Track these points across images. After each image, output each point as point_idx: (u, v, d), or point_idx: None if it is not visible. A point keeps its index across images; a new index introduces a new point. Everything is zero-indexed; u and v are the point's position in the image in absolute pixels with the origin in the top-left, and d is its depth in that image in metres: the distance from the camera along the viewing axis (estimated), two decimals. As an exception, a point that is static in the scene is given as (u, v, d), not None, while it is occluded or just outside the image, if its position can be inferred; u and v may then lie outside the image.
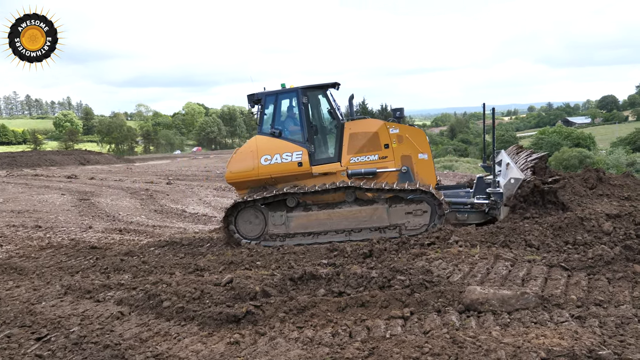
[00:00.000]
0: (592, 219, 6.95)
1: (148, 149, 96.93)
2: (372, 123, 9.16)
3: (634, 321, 4.33)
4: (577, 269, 5.67)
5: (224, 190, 20.81)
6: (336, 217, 8.76)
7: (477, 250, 6.56)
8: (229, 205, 9.34)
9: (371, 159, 8.93)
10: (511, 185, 8.05)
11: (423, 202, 8.53)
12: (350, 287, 5.64)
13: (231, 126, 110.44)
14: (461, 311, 4.78)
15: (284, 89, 9.35)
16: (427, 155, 9.00)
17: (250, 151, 9.22)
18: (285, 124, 9.46)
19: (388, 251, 7.17)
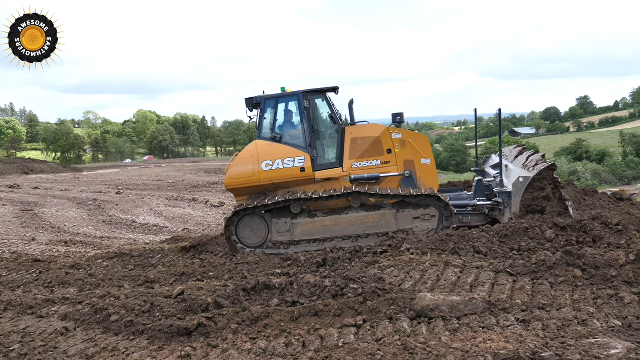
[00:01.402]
0: (536, 226, 7.26)
1: (97, 157, 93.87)
2: (375, 128, 9.11)
3: (574, 323, 4.54)
4: (522, 274, 5.90)
5: (177, 200, 20.41)
6: (343, 223, 8.60)
7: (427, 258, 6.70)
8: (231, 212, 8.99)
9: (374, 164, 8.87)
10: (520, 183, 8.16)
11: (430, 206, 8.51)
12: (303, 296, 5.63)
13: (184, 135, 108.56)
14: (412, 318, 4.87)
15: (284, 93, 9.16)
16: (430, 160, 9.02)
17: (250, 156, 8.99)
18: (286, 129, 9.27)
19: (341, 260, 7.22)
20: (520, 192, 8.15)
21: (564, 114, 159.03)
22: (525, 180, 8.16)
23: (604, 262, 5.83)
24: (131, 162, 71.50)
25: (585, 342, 4.05)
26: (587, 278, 5.70)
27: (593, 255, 6.02)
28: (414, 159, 8.90)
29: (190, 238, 11.15)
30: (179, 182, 28.62)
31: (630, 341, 4.07)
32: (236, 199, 9.33)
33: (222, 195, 22.30)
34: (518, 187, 8.18)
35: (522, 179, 8.20)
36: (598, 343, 4.01)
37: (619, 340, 4.05)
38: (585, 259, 5.94)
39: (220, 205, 18.49)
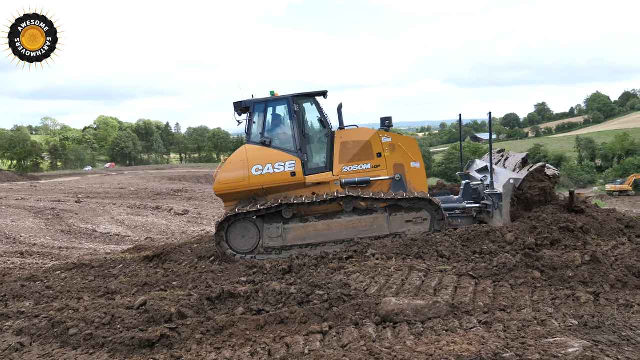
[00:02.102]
0: (497, 230, 7.43)
1: (55, 165, 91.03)
2: (365, 132, 9.08)
3: (534, 324, 4.66)
4: (483, 277, 6.02)
5: (139, 208, 19.99)
6: (335, 227, 8.54)
7: (392, 263, 6.77)
8: (221, 218, 8.78)
9: (364, 168, 8.83)
10: (510, 185, 8.30)
11: (423, 209, 8.55)
12: (269, 304, 5.59)
13: (147, 141, 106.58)
14: (378, 323, 4.89)
15: (274, 97, 9.04)
16: (420, 164, 9.05)
17: (240, 161, 8.83)
18: (276, 133, 9.14)
19: (307, 266, 7.21)
20: (510, 194, 8.31)
21: (523, 120, 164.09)
22: (515, 182, 8.34)
23: (561, 263, 6.02)
24: (92, 170, 69.65)
25: (544, 342, 4.16)
26: (545, 279, 5.87)
27: (551, 257, 6.21)
28: (403, 162, 8.95)
29: (153, 247, 10.91)
30: (141, 189, 28.08)
31: (586, 339, 4.21)
32: (225, 204, 9.19)
33: (187, 203, 22.01)
34: (508, 189, 8.35)
35: (513, 180, 8.38)
36: (556, 342, 4.12)
37: (576, 339, 4.18)
38: (543, 260, 6.12)
39: (184, 213, 18.22)
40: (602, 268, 5.90)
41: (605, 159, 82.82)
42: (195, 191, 27.25)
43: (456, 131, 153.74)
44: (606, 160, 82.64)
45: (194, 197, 24.51)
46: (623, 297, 5.40)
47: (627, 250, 6.38)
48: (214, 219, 16.92)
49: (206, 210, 18.99)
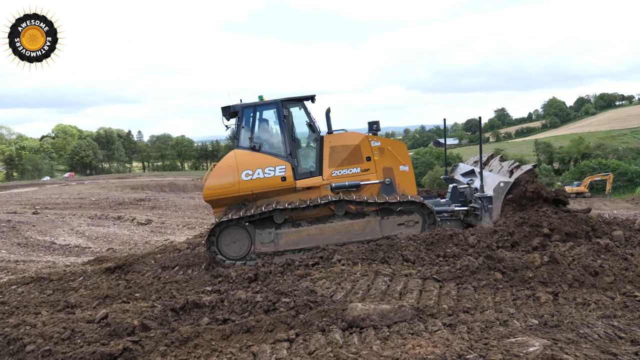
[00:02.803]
0: (460, 233, 7.57)
1: (11, 175, 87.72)
2: (354, 136, 9.11)
3: (496, 324, 4.76)
4: (447, 279, 6.12)
5: (100, 218, 19.47)
6: (328, 231, 8.52)
7: (358, 268, 6.80)
8: (212, 224, 8.64)
9: (354, 172, 8.88)
10: (501, 188, 8.45)
11: (414, 212, 8.60)
12: (235, 313, 5.53)
13: (108, 150, 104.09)
14: (344, 328, 4.90)
15: (262, 102, 8.97)
16: (408, 167, 9.10)
17: (229, 166, 8.73)
18: (266, 138, 9.05)
19: (273, 274, 7.17)
20: (501, 197, 8.48)
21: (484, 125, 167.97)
22: (505, 185, 8.50)
23: (522, 264, 6.19)
24: (50, 180, 67.44)
25: (506, 342, 4.24)
26: (507, 280, 6.01)
27: (512, 258, 6.37)
28: (392, 166, 9.02)
29: (115, 258, 10.64)
30: (103, 199, 27.38)
31: (546, 338, 4.32)
32: (214, 210, 9.08)
33: (150, 212, 21.58)
34: (499, 192, 8.51)
35: (503, 183, 8.54)
36: (518, 342, 4.22)
37: (537, 338, 4.28)
38: (504, 262, 6.27)
39: (147, 223, 17.85)
40: (560, 268, 6.10)
41: (562, 162, 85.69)
42: (159, 200, 26.75)
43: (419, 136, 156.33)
44: (563, 163, 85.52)
45: (158, 206, 24.05)
46: (580, 295, 5.59)
47: (584, 250, 6.60)
48: (178, 228, 16.68)
49: (170, 220, 18.66)
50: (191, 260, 9.35)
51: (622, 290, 5.75)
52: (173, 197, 29.24)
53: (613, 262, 6.29)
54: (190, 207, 23.07)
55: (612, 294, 5.66)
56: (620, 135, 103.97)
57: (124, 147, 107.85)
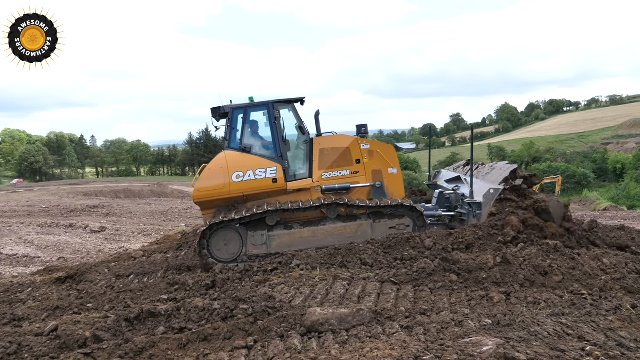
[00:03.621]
0: (416, 236, 7.71)
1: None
2: (344, 139, 9.15)
3: (452, 325, 4.86)
4: (404, 282, 6.21)
5: (51, 226, 18.75)
6: (320, 234, 8.53)
7: (317, 273, 6.81)
8: (204, 226, 8.48)
9: (343, 174, 8.94)
10: (490, 195, 8.61)
11: (405, 216, 8.69)
12: (192, 321, 5.43)
13: (60, 155, 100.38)
14: (303, 334, 4.89)
15: (253, 103, 8.89)
16: (397, 170, 9.20)
17: (220, 168, 8.61)
18: (256, 139, 8.99)
19: (231, 280, 7.08)
20: (490, 203, 8.65)
21: (440, 130, 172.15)
22: (495, 192, 8.68)
23: (476, 265, 6.35)
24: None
25: (461, 342, 4.34)
26: (462, 282, 6.16)
27: (466, 260, 6.53)
28: (381, 168, 9.13)
29: (67, 267, 10.26)
30: (53, 206, 26.39)
31: (499, 337, 4.44)
32: (202, 212, 8.98)
33: (104, 219, 20.95)
34: (488, 198, 8.69)
35: (493, 190, 8.73)
36: (472, 342, 4.32)
37: (490, 337, 4.39)
38: (459, 264, 6.42)
39: (101, 230, 17.32)
40: (512, 269, 6.29)
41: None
42: (113, 207, 26.00)
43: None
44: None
45: (112, 213, 23.37)
46: (531, 295, 5.78)
47: (534, 250, 6.84)
48: (134, 235, 16.26)
49: (125, 227, 18.16)
50: (147, 268, 9.13)
51: (570, 289, 5.99)
52: (128, 203, 28.47)
53: (561, 262, 6.54)
54: (146, 214, 22.52)
55: (561, 293, 5.88)
56: (568, 139, 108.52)
57: (77, 153, 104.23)
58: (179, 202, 28.95)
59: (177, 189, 46.41)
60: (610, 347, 4.13)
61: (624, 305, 5.31)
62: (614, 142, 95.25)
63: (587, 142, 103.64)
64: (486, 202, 8.78)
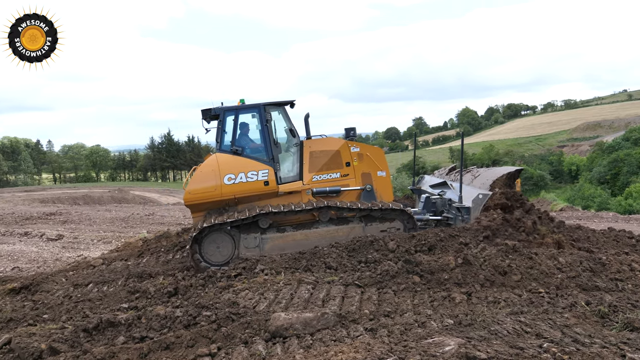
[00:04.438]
0: (380, 239, 7.77)
1: None
2: (334, 142, 9.21)
3: (415, 326, 4.92)
4: (369, 285, 6.26)
5: (4, 235, 18.00)
6: (313, 237, 8.53)
7: (281, 277, 6.78)
8: (197, 229, 8.35)
9: (333, 177, 9.02)
10: (479, 200, 8.71)
11: (396, 219, 8.78)
12: (153, 330, 5.31)
13: (14, 161, 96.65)
14: (267, 339, 4.86)
15: (245, 105, 8.83)
16: (385, 173, 9.26)
17: (211, 170, 8.54)
18: (248, 142, 8.94)
19: (194, 287, 6.97)
20: (479, 208, 8.76)
21: (403, 134, 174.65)
22: (484, 197, 8.79)
23: (438, 267, 6.45)
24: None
25: (424, 343, 4.39)
26: (424, 283, 6.24)
27: (428, 261, 6.62)
28: (370, 171, 9.22)
29: (21, 277, 9.86)
30: (7, 214, 25.36)
31: (461, 337, 4.52)
32: (193, 215, 8.91)
33: (61, 227, 20.28)
34: (477, 203, 8.81)
35: (482, 195, 8.84)
36: (435, 342, 4.38)
37: (452, 337, 4.47)
38: (422, 265, 6.51)
39: (58, 238, 16.75)
40: (473, 269, 6.42)
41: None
42: (72, 214, 25.20)
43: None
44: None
45: (70, 220, 22.64)
46: (491, 294, 5.92)
47: (493, 251, 7.00)
48: (93, 242, 15.82)
49: (84, 234, 17.62)
50: (107, 276, 8.87)
51: (528, 288, 6.15)
52: (87, 210, 27.68)
53: (520, 262, 6.72)
54: (107, 221, 21.92)
55: (520, 292, 6.04)
56: (526, 142, 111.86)
57: (32, 158, 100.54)
58: (141, 208, 28.34)
59: (138, 194, 45.41)
60: (566, 343, 4.26)
61: (579, 303, 5.49)
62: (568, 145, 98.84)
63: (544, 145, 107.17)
64: (475, 207, 8.94)
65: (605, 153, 60.46)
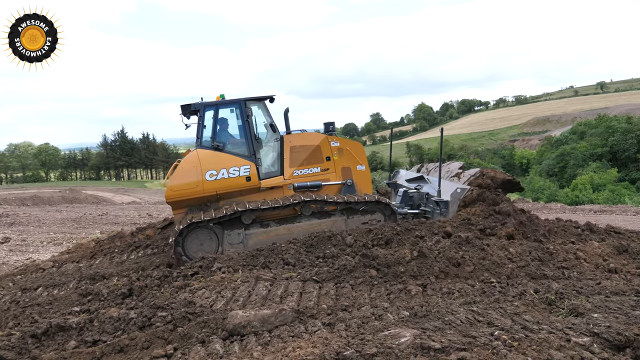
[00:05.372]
0: (338, 234, 7.83)
1: None
2: (314, 136, 9.23)
3: (372, 319, 4.99)
4: (326, 280, 6.30)
5: (-55, 239, 17.08)
6: (296, 231, 8.50)
7: (239, 275, 6.72)
8: (180, 227, 8.21)
9: (314, 172, 9.04)
10: (457, 194, 8.92)
11: (377, 212, 8.88)
12: (106, 333, 5.17)
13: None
14: (225, 338, 4.81)
15: (225, 100, 8.72)
16: (365, 167, 9.33)
17: (192, 166, 8.42)
18: (229, 137, 8.83)
19: (149, 287, 6.81)
20: (457, 202, 8.98)
21: (361, 129, 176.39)
22: (462, 191, 9.00)
23: (394, 260, 6.56)
24: None
25: (380, 335, 4.46)
26: (381, 276, 6.34)
27: (385, 255, 6.72)
28: (350, 165, 9.28)
29: (-36, 283, 9.40)
30: (-52, 217, 24.08)
31: (416, 328, 4.62)
32: (174, 212, 8.79)
33: (8, 229, 19.43)
34: (455, 197, 9.01)
35: (460, 189, 9.04)
36: (391, 334, 4.46)
37: (408, 329, 4.56)
38: (379, 259, 6.60)
39: (5, 241, 16.02)
40: (428, 261, 6.57)
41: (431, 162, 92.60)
42: (19, 215, 24.16)
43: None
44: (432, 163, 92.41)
45: (18, 222, 21.70)
46: (446, 285, 6.06)
47: (447, 243, 7.17)
48: (43, 245, 15.24)
49: (32, 236, 16.94)
50: (57, 279, 8.56)
51: (480, 278, 6.34)
52: (36, 211, 26.59)
53: (473, 253, 6.91)
54: (57, 222, 21.13)
55: (473, 282, 6.21)
56: (479, 137, 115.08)
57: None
58: (94, 208, 27.48)
59: (91, 194, 43.98)
60: (515, 331, 4.42)
61: (528, 291, 5.71)
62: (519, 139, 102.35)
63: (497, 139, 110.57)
64: (453, 200, 9.15)
65: (553, 147, 62.85)
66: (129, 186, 62.31)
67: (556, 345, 3.96)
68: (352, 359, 3.92)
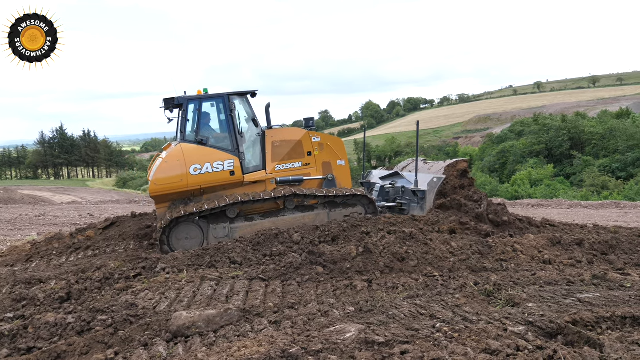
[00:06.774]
0: (285, 231, 7.83)
1: None
2: (295, 132, 9.26)
3: (318, 316, 5.02)
4: (273, 278, 6.28)
5: None
6: (281, 224, 8.50)
7: (184, 275, 6.60)
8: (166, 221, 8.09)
9: (295, 166, 9.12)
10: (434, 183, 9.26)
11: (358, 205, 9.23)
12: (42, 339, 4.94)
13: None
14: (169, 340, 4.72)
15: (208, 95, 8.64)
16: (345, 162, 9.51)
17: (176, 160, 8.28)
18: (212, 131, 8.77)
19: (89, 290, 6.56)
20: (434, 190, 9.36)
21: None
22: (438, 180, 9.39)
23: (340, 256, 6.63)
24: None
25: (326, 331, 4.50)
26: (327, 273, 6.39)
27: (331, 252, 6.78)
28: (330, 160, 9.45)
29: None
30: None
31: (361, 323, 4.69)
32: (156, 206, 8.62)
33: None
34: (432, 186, 9.36)
35: (436, 179, 9.41)
36: (336, 330, 4.50)
37: (353, 324, 4.62)
38: (325, 256, 6.64)
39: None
40: (373, 257, 6.68)
41: (379, 159, 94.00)
42: (-53, 217, 22.68)
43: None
44: (380, 160, 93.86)
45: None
46: (390, 280, 6.19)
47: (392, 239, 7.32)
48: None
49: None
50: (-12, 284, 8.10)
51: (424, 272, 6.52)
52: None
53: (416, 248, 7.09)
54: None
55: (416, 276, 6.38)
56: (425, 134, 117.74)
57: None
58: (30, 209, 26.17)
59: (28, 194, 41.85)
60: (456, 322, 4.57)
61: (468, 283, 5.92)
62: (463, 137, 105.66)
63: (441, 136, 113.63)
64: (430, 189, 9.51)
65: (494, 144, 65.21)
66: (69, 185, 59.78)
67: (494, 335, 4.12)
68: (298, 356, 3.93)
